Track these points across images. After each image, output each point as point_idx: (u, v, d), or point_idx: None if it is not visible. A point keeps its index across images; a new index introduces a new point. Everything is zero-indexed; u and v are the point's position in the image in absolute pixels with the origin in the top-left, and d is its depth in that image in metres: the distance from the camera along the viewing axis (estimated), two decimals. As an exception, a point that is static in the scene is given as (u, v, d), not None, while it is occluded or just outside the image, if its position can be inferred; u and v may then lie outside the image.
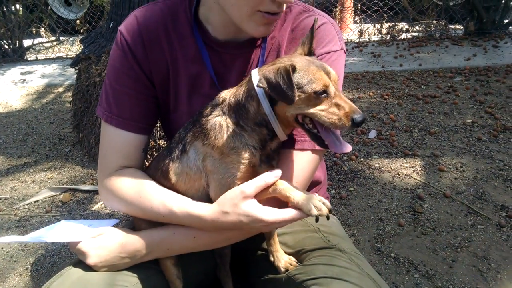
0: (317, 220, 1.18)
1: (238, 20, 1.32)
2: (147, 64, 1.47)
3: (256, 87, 1.19)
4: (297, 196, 1.20)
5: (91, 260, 1.32)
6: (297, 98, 1.13)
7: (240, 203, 1.22)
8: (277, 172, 1.24)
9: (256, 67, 1.47)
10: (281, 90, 1.10)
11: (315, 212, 1.16)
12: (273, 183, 1.23)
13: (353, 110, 1.12)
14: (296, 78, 1.13)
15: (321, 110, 1.14)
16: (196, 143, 1.31)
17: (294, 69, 1.13)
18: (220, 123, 1.26)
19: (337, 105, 1.14)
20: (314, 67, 1.16)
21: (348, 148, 1.19)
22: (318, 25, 1.45)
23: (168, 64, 1.48)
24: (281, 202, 1.25)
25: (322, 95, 1.13)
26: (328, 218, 1.17)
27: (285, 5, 1.31)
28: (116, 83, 1.48)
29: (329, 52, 1.43)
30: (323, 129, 1.18)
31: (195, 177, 1.33)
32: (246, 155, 1.25)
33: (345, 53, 1.48)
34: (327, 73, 1.16)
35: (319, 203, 1.17)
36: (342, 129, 1.15)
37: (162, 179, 1.41)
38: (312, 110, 1.15)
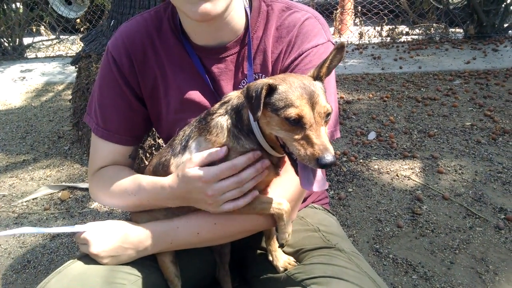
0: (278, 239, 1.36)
1: (179, 6, 1.32)
2: (135, 78, 1.50)
3: None
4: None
5: (94, 249, 1.32)
6: (268, 119, 1.11)
7: (186, 167, 1.28)
8: (223, 149, 1.24)
9: (242, 69, 1.48)
10: (250, 104, 1.08)
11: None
12: (217, 157, 1.25)
13: (322, 149, 1.04)
14: (274, 99, 1.09)
15: (292, 139, 1.09)
16: (200, 138, 1.31)
17: (274, 89, 1.10)
18: (221, 123, 1.27)
19: (308, 139, 1.06)
20: (298, 93, 1.09)
21: (318, 187, 1.12)
22: (302, 21, 1.44)
23: (156, 74, 1.50)
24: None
25: (295, 124, 1.07)
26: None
27: None
28: (103, 97, 1.53)
29: (316, 46, 1.42)
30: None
31: None
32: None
33: (333, 44, 1.44)
34: (313, 103, 1.08)
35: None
36: (308, 165, 1.08)
37: (163, 173, 1.41)
38: (284, 136, 1.10)
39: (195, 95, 1.48)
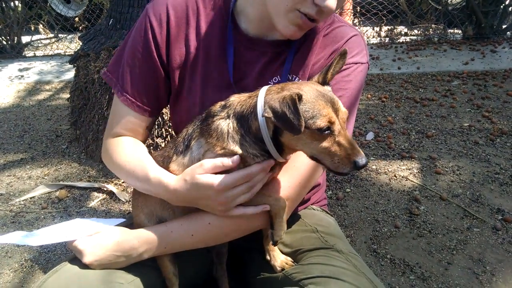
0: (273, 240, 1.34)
1: (274, 12, 1.32)
2: (167, 48, 1.48)
3: (260, 117, 1.16)
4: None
5: (86, 259, 1.31)
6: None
7: (196, 173, 1.26)
8: (235, 158, 1.23)
9: (281, 69, 1.47)
10: (287, 120, 1.04)
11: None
12: (230, 167, 1.23)
13: (356, 152, 1.08)
14: (301, 109, 1.07)
15: (322, 148, 1.10)
16: (201, 140, 1.30)
17: (300, 98, 1.08)
18: (222, 127, 1.24)
19: (339, 145, 1.09)
20: (322, 101, 1.10)
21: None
22: (350, 36, 1.48)
23: (189, 52, 1.48)
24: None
25: (325, 132, 1.09)
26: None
27: (323, 15, 1.29)
28: (131, 60, 1.50)
29: (357, 63, 1.47)
30: None
31: None
32: (247, 160, 1.24)
33: (369, 67, 1.52)
34: (336, 110, 1.11)
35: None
36: (341, 171, 1.11)
37: (163, 167, 1.41)
38: (314, 146, 1.11)
39: (220, 85, 1.48)
